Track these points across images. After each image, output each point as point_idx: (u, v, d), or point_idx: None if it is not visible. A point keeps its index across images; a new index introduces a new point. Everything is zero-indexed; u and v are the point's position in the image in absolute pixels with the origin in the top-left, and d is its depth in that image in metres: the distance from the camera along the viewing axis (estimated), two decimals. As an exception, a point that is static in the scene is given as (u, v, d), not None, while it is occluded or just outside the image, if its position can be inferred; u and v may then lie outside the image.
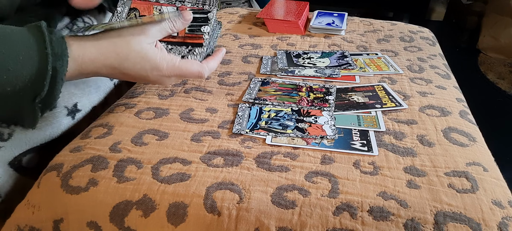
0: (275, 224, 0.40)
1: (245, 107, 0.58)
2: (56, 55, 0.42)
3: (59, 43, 0.42)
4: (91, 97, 0.61)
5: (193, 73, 0.54)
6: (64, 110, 0.55)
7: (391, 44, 0.84)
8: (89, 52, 0.46)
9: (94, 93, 0.61)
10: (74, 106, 0.57)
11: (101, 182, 0.44)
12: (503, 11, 2.21)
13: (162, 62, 0.50)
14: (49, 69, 0.41)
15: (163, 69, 0.51)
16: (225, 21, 0.97)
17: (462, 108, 0.60)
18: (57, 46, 0.42)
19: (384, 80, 0.68)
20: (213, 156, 0.48)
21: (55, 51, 0.42)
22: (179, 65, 0.52)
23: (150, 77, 0.51)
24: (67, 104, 0.56)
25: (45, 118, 0.53)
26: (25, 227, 0.45)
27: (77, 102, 0.58)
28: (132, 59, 0.48)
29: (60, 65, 0.42)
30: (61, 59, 0.42)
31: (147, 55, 0.49)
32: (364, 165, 0.47)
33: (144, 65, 0.49)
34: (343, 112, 0.57)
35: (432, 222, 0.39)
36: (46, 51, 0.41)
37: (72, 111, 0.56)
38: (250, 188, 0.43)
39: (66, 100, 0.56)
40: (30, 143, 0.51)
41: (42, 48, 0.41)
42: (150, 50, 0.49)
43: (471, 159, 0.48)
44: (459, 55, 2.28)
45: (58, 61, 0.42)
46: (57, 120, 0.54)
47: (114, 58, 0.47)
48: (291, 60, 0.75)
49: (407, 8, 2.48)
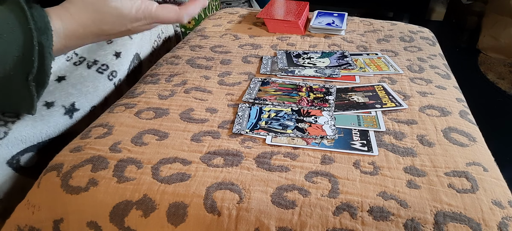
0: (275, 224, 0.40)
1: (245, 107, 0.58)
2: (39, 30, 0.41)
3: (41, 17, 0.42)
4: (89, 97, 0.60)
5: (171, 19, 0.53)
6: (61, 109, 0.55)
7: (391, 44, 0.84)
8: (68, 25, 0.45)
9: (92, 93, 0.61)
10: (72, 105, 0.57)
11: (101, 182, 0.44)
12: (503, 11, 2.21)
13: (138, 13, 0.50)
14: (35, 44, 0.40)
15: (141, 19, 0.50)
16: (225, 21, 0.97)
17: (462, 108, 0.60)
18: (39, 21, 0.41)
19: (384, 80, 0.68)
20: (213, 156, 0.48)
21: (38, 26, 0.41)
22: (156, 12, 0.51)
23: (132, 29, 0.51)
24: (64, 103, 0.56)
25: (42, 116, 0.53)
26: (25, 227, 0.45)
27: (74, 102, 0.57)
28: (109, 20, 0.48)
29: (45, 39, 0.41)
30: (45, 34, 0.42)
31: (122, 11, 0.48)
32: (364, 165, 0.47)
33: (122, 21, 0.49)
34: (343, 112, 0.57)
35: (432, 222, 0.39)
36: (29, 27, 0.40)
37: (70, 110, 0.56)
38: (250, 188, 0.43)
39: (63, 99, 0.56)
40: (27, 142, 0.51)
41: (24, 24, 0.40)
42: (122, 5, 0.48)
43: (471, 159, 0.48)
44: (459, 55, 2.28)
45: (43, 35, 0.41)
46: (54, 118, 0.54)
47: (92, 25, 0.47)
48: (291, 60, 0.75)
49: (407, 8, 2.47)
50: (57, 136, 0.56)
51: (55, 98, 0.56)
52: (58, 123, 0.54)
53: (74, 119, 0.57)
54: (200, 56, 0.76)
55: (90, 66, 0.62)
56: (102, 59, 0.64)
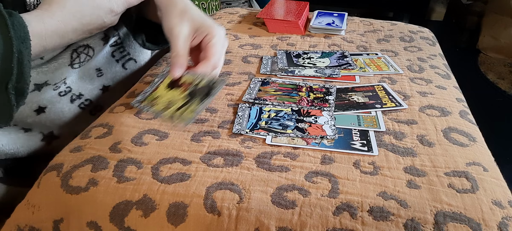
0: (275, 224, 0.40)
1: (245, 107, 0.58)
2: (19, 39, 0.41)
3: (21, 27, 0.42)
4: (70, 126, 0.59)
5: None
6: (39, 135, 0.56)
7: (391, 44, 0.84)
8: (49, 24, 0.45)
9: (73, 126, 0.59)
10: (50, 133, 0.58)
11: (101, 182, 0.44)
12: (503, 11, 2.21)
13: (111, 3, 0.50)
14: (15, 51, 0.40)
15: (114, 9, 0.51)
16: (225, 21, 0.97)
17: (462, 108, 0.60)
18: (19, 29, 0.41)
19: (384, 80, 0.68)
20: (213, 156, 0.48)
21: (18, 35, 0.41)
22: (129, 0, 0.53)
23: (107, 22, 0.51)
24: (42, 130, 0.57)
25: (17, 137, 0.54)
26: (25, 227, 0.45)
27: (53, 131, 0.58)
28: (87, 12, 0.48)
29: (25, 47, 0.41)
30: (24, 42, 0.42)
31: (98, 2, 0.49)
32: (364, 165, 0.47)
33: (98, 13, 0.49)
34: (343, 113, 0.57)
35: (432, 222, 0.39)
36: (9, 35, 0.40)
37: (48, 136, 0.57)
38: (250, 188, 0.43)
39: (41, 128, 0.57)
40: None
41: (5, 32, 0.40)
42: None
43: (471, 159, 0.48)
44: (459, 55, 2.28)
45: (22, 44, 0.41)
46: (29, 141, 0.55)
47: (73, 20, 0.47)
48: (291, 60, 0.75)
49: (407, 8, 2.48)
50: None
51: (32, 127, 0.56)
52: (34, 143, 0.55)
53: (52, 145, 0.58)
54: (200, 56, 0.76)
55: (73, 100, 0.60)
56: (87, 94, 0.62)
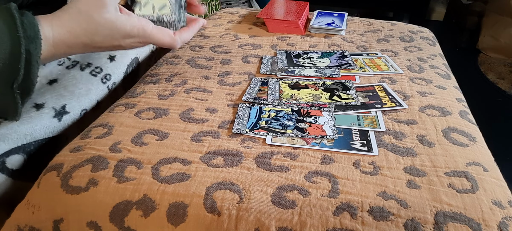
0: (275, 224, 0.40)
1: (245, 107, 0.58)
2: (28, 38, 0.41)
3: (32, 26, 0.42)
4: (81, 100, 0.59)
5: (165, 43, 0.54)
6: (51, 111, 0.55)
7: (391, 44, 0.84)
8: (58, 33, 0.45)
9: (84, 95, 0.60)
10: (63, 108, 0.56)
11: (101, 182, 0.44)
12: (503, 11, 2.21)
13: (133, 30, 0.50)
14: (23, 52, 0.40)
15: (135, 36, 0.50)
16: (225, 21, 0.97)
17: (462, 108, 0.60)
18: (29, 29, 0.41)
19: (384, 80, 0.68)
20: (213, 156, 0.48)
21: (28, 34, 0.41)
22: (150, 33, 0.52)
23: (123, 45, 0.51)
24: (55, 105, 0.55)
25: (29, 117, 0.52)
26: (25, 227, 0.45)
27: (65, 104, 0.57)
28: (101, 32, 0.48)
29: (34, 48, 0.41)
30: (34, 42, 0.41)
31: (116, 25, 0.48)
32: (364, 165, 0.47)
33: (114, 36, 0.49)
34: (343, 113, 0.57)
35: (432, 222, 0.39)
36: (18, 35, 0.40)
37: (60, 113, 0.56)
38: (250, 188, 0.43)
39: (54, 101, 0.56)
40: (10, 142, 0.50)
41: (13, 31, 0.40)
42: (117, 20, 0.48)
43: (471, 159, 0.48)
44: (459, 55, 2.28)
45: (31, 44, 0.41)
46: (41, 121, 0.53)
47: (84, 35, 0.46)
48: (291, 60, 0.75)
49: (407, 8, 2.47)
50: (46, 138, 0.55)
51: (46, 100, 0.55)
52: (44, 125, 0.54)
53: (63, 122, 0.56)
54: (200, 56, 0.76)
55: (83, 68, 0.62)
56: (95, 62, 0.64)
